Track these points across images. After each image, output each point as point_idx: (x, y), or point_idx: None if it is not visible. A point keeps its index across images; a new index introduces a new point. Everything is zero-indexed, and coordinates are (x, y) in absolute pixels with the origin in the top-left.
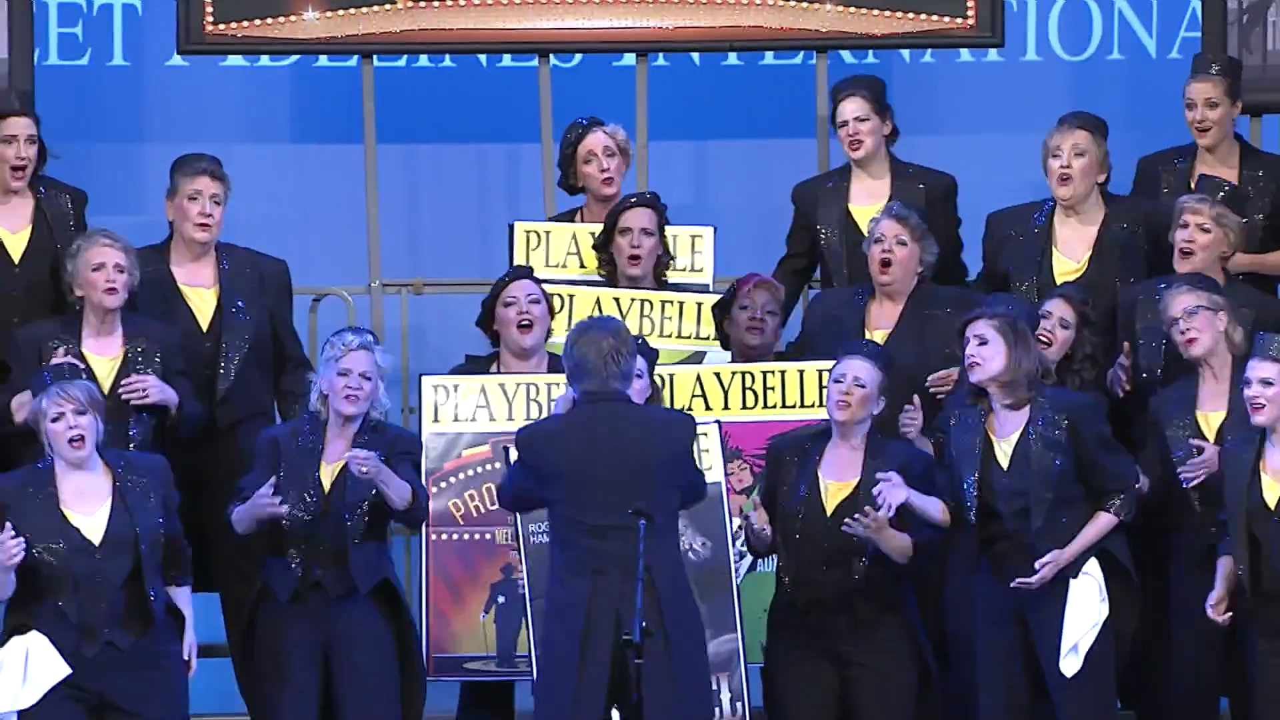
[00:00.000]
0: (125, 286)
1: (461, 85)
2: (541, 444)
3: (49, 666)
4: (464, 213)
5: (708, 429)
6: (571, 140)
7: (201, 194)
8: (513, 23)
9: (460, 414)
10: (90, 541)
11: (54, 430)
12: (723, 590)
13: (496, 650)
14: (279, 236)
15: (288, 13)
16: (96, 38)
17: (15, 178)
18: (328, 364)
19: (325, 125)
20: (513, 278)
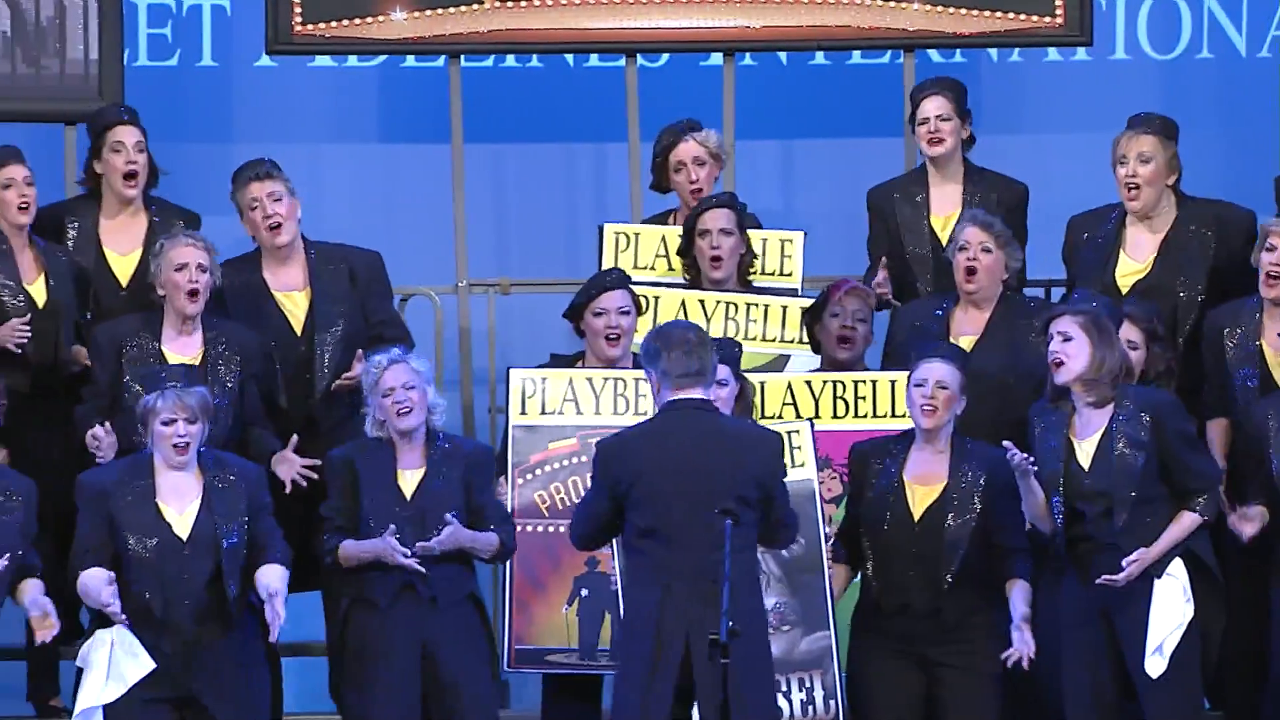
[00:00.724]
0: (207, 287)
1: (548, 85)
2: (621, 453)
3: (134, 662)
4: (551, 213)
5: (800, 427)
6: (663, 146)
7: (260, 200)
8: (600, 22)
9: (547, 407)
10: (180, 538)
11: (162, 433)
12: (815, 588)
13: (579, 643)
14: (366, 237)
15: (375, 13)
16: (185, 39)
17: (128, 185)
18: (371, 393)
19: (412, 125)
20: (607, 287)
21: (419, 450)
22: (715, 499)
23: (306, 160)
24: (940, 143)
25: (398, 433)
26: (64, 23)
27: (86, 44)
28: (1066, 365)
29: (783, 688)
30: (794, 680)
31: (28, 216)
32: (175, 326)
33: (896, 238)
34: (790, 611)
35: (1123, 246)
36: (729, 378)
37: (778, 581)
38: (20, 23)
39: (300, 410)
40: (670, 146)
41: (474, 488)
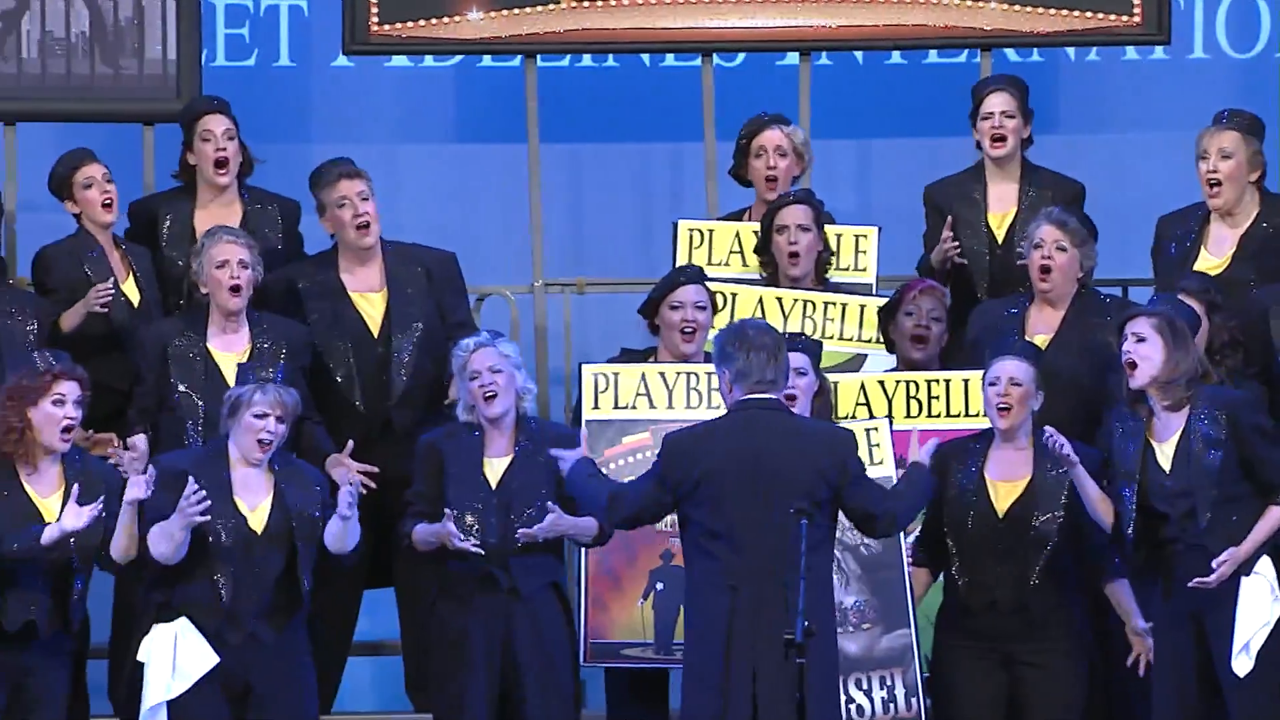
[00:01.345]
0: (249, 283)
1: (625, 84)
2: (689, 449)
3: (198, 655)
4: (627, 212)
5: (879, 424)
6: (749, 131)
7: (349, 198)
8: (676, 22)
9: (620, 401)
10: (255, 531)
11: (252, 425)
12: (895, 585)
13: (654, 637)
14: (442, 236)
15: (452, 13)
16: (263, 39)
17: (219, 174)
18: (459, 376)
19: (488, 125)
20: (683, 281)
21: (508, 437)
22: (785, 499)
23: (383, 160)
24: (1003, 141)
25: (485, 418)
26: (142, 23)
27: (165, 44)
28: (1141, 368)
29: (864, 685)
30: (875, 678)
31: (112, 214)
32: (219, 324)
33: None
34: (870, 609)
35: (1204, 243)
36: (807, 366)
37: (857, 580)
38: (99, 23)
39: (377, 412)
40: (755, 132)
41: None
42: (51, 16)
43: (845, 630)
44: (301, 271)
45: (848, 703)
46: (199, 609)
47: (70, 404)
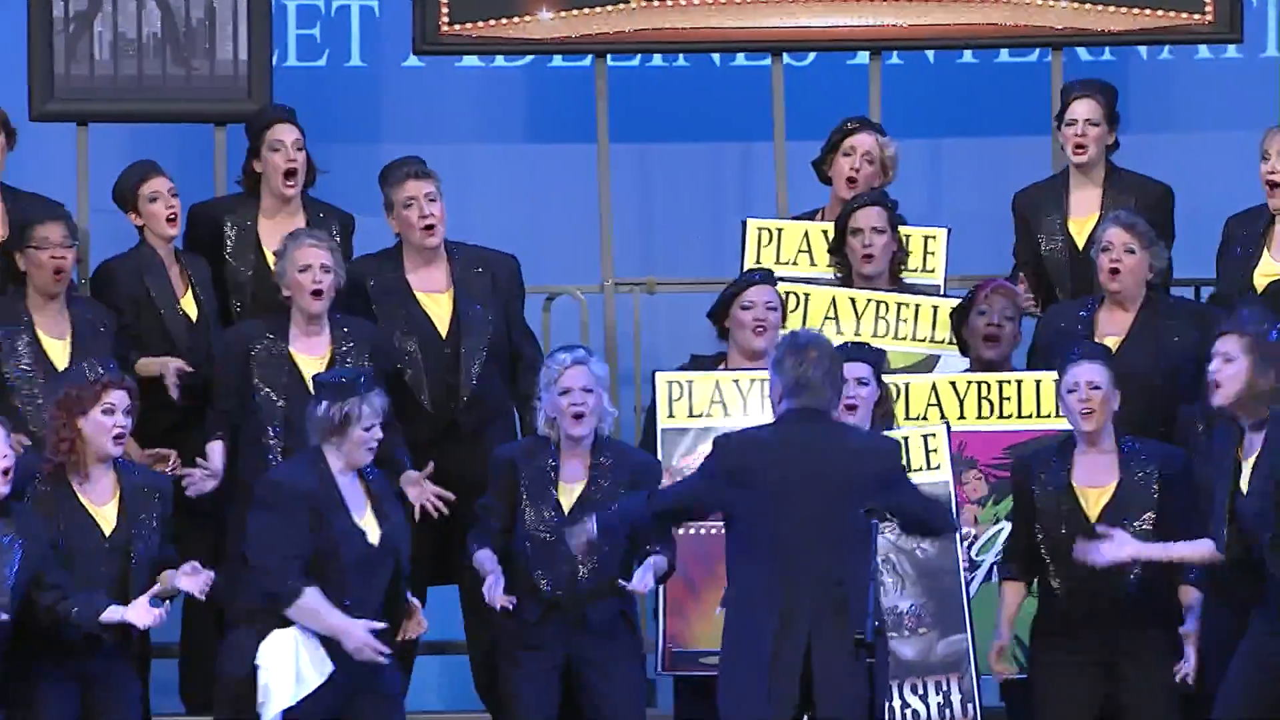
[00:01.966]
0: (331, 287)
1: (695, 84)
2: (740, 450)
3: (317, 663)
4: (697, 212)
5: (937, 430)
6: (845, 130)
7: (416, 199)
8: (746, 21)
9: (695, 410)
10: (371, 544)
11: (363, 438)
12: (950, 591)
13: None
14: (512, 236)
15: (522, 13)
16: (334, 39)
17: (288, 185)
18: (548, 388)
19: (559, 125)
20: (754, 282)
21: (583, 459)
22: (832, 506)
23: (453, 160)
24: (1084, 149)
25: (567, 435)
26: (214, 24)
27: (236, 45)
28: (1223, 388)
29: (919, 690)
30: (930, 683)
31: (176, 228)
32: (301, 327)
33: (1037, 241)
34: (927, 614)
35: (1267, 246)
36: (869, 375)
37: (913, 584)
38: (171, 24)
39: (444, 414)
40: (851, 132)
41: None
42: (123, 18)
43: (901, 635)
44: (368, 269)
45: (903, 708)
46: None
47: (120, 412)
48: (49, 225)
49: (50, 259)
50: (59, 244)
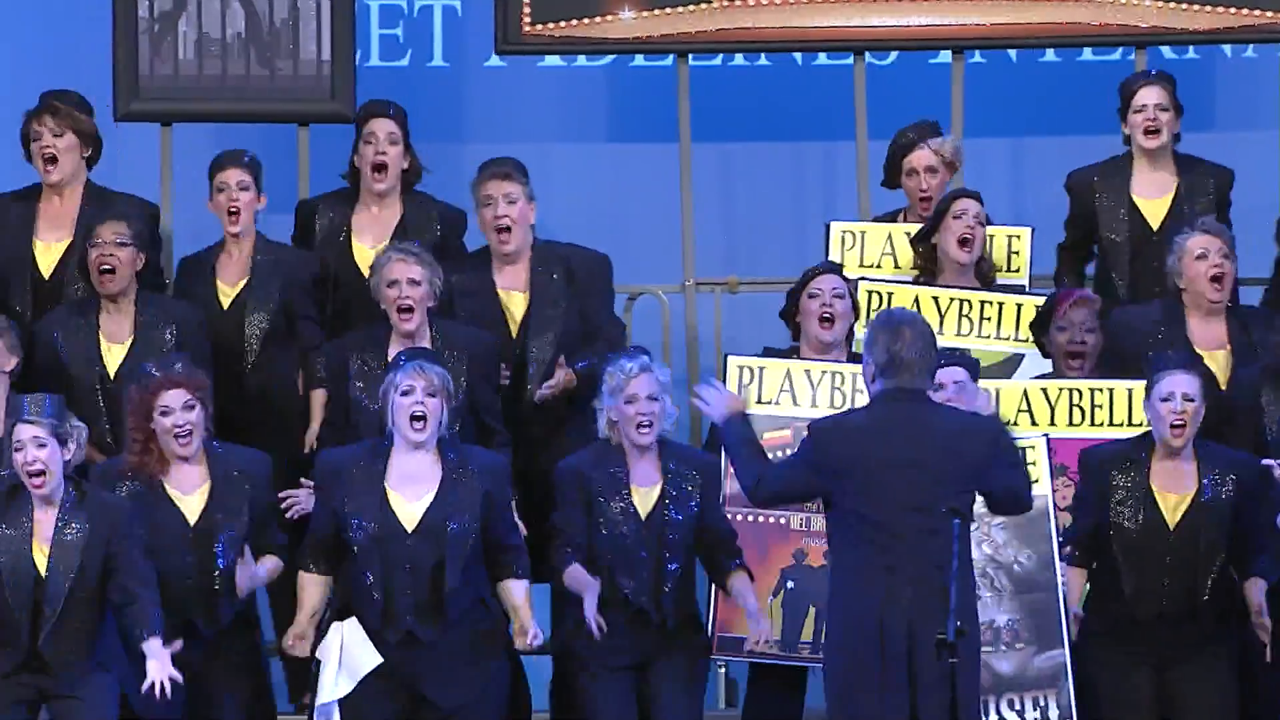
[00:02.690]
0: (423, 300)
1: (777, 83)
2: (838, 437)
3: (362, 654)
4: (779, 211)
5: (1035, 442)
6: (899, 147)
7: (494, 198)
8: (829, 21)
9: (764, 396)
10: (404, 527)
11: (400, 404)
12: (1048, 605)
13: (780, 634)
14: (594, 236)
15: (604, 13)
16: (416, 39)
17: (376, 178)
18: (614, 394)
19: (641, 124)
20: (820, 271)
21: (653, 462)
22: (932, 491)
23: (535, 160)
24: (1157, 134)
25: (633, 444)
26: (297, 24)
27: (319, 45)
28: None
29: (1016, 706)
30: (1028, 699)
31: (237, 224)
32: (398, 340)
33: (1093, 223)
34: (1024, 629)
35: None
36: (966, 380)
37: (1010, 599)
38: (254, 25)
39: (510, 414)
40: (906, 150)
41: (706, 507)
42: (208, 18)
43: (997, 649)
44: (458, 268)
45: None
46: (362, 614)
47: (178, 411)
48: (106, 225)
49: (99, 258)
50: (109, 243)
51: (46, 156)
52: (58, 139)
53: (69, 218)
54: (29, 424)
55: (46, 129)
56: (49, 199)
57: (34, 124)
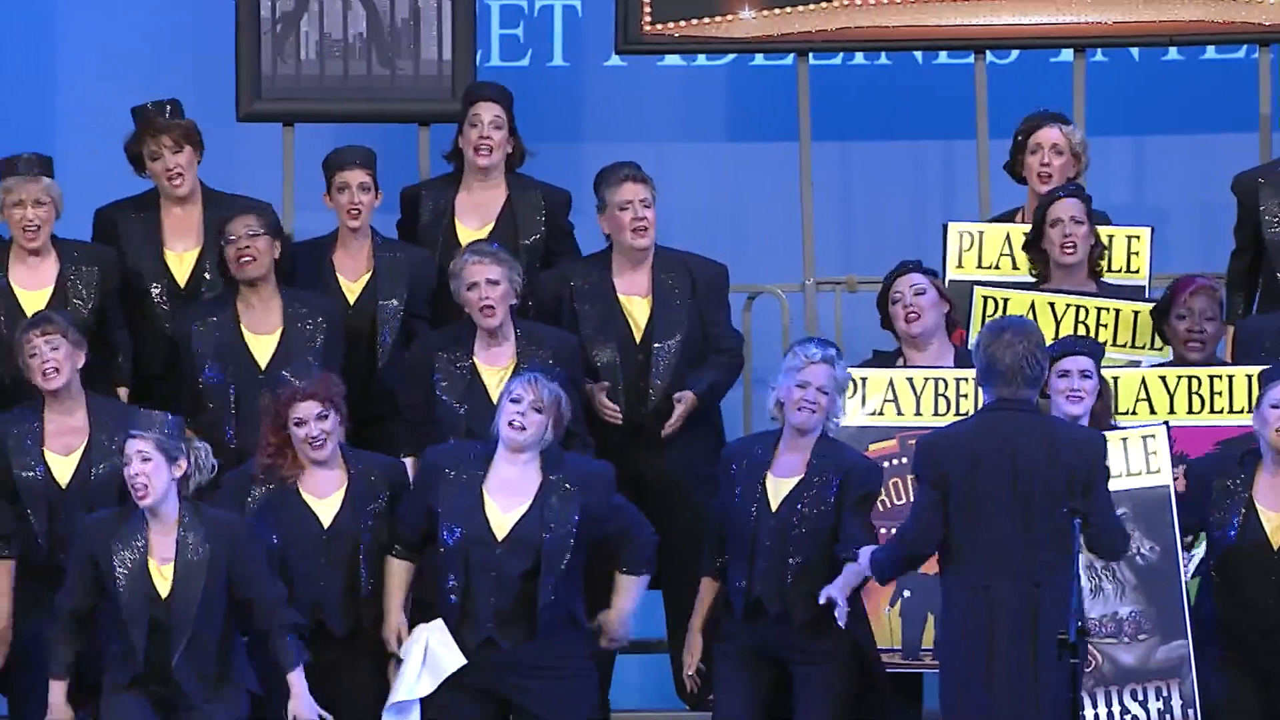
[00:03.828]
0: (504, 298)
1: (897, 82)
2: (941, 449)
3: (446, 656)
4: (898, 210)
5: (1155, 431)
6: (1028, 126)
7: (632, 203)
8: (949, 19)
9: (868, 407)
10: (494, 535)
11: (506, 409)
12: (1171, 595)
13: (901, 643)
14: (713, 235)
15: (725, 12)
16: (537, 39)
17: (479, 157)
18: (788, 374)
19: (760, 123)
20: (896, 274)
21: (802, 455)
22: (1036, 502)
23: (655, 159)
24: None
25: (793, 427)
26: (418, 24)
27: (440, 45)
28: None
29: (1139, 696)
30: (1150, 689)
31: (357, 222)
32: (484, 339)
33: (1257, 224)
34: (1146, 620)
35: None
36: (1091, 369)
37: (1133, 590)
38: (376, 25)
39: (634, 417)
40: (1034, 128)
41: (845, 509)
42: (329, 18)
43: (1120, 641)
44: (575, 270)
45: (1123, 714)
46: (446, 616)
47: (311, 422)
48: (236, 220)
49: (236, 251)
50: (243, 235)
51: (172, 176)
52: (178, 155)
53: (194, 226)
54: (136, 438)
55: (165, 148)
56: (169, 209)
57: (149, 144)
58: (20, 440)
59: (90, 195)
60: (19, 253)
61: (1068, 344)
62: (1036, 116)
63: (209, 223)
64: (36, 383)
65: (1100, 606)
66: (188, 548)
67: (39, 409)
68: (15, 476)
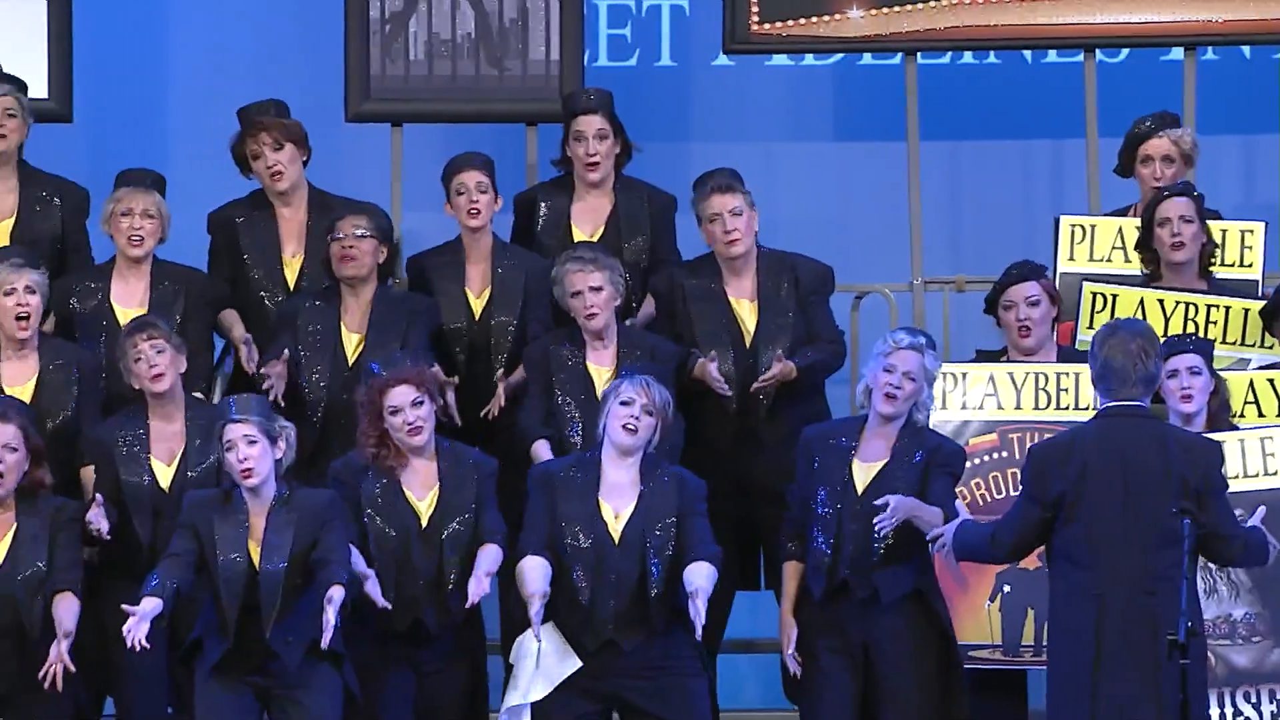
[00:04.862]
0: (606, 304)
1: (1005, 81)
2: (1054, 460)
3: (561, 660)
4: (1007, 209)
5: (1274, 432)
6: (1136, 135)
7: (720, 215)
8: (1058, 18)
9: (968, 402)
10: (612, 537)
11: (617, 412)
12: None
13: (1002, 639)
14: (821, 235)
15: (832, 11)
16: (644, 38)
17: (589, 172)
18: (876, 359)
19: (868, 123)
20: (1014, 279)
21: (887, 440)
22: (1150, 507)
23: (762, 159)
24: None
25: (878, 413)
26: (526, 24)
27: (548, 45)
28: None
29: (1252, 699)
30: (1264, 691)
31: (478, 220)
32: (590, 340)
33: None
34: (1260, 622)
35: None
36: (1201, 365)
37: (1248, 592)
38: (484, 25)
39: (742, 422)
40: (1143, 138)
41: (931, 470)
42: (438, 19)
43: (1234, 643)
44: (686, 272)
45: (1235, 715)
46: (565, 619)
47: (407, 408)
48: (345, 219)
49: (341, 250)
50: (350, 235)
51: (274, 173)
52: (279, 153)
53: (299, 229)
54: (238, 423)
55: (265, 146)
56: (279, 212)
57: (250, 144)
58: (129, 447)
59: (202, 203)
60: (119, 270)
61: (1174, 343)
62: (1145, 122)
63: (314, 226)
64: (140, 386)
65: (1214, 608)
66: (279, 525)
67: (142, 415)
68: (122, 483)
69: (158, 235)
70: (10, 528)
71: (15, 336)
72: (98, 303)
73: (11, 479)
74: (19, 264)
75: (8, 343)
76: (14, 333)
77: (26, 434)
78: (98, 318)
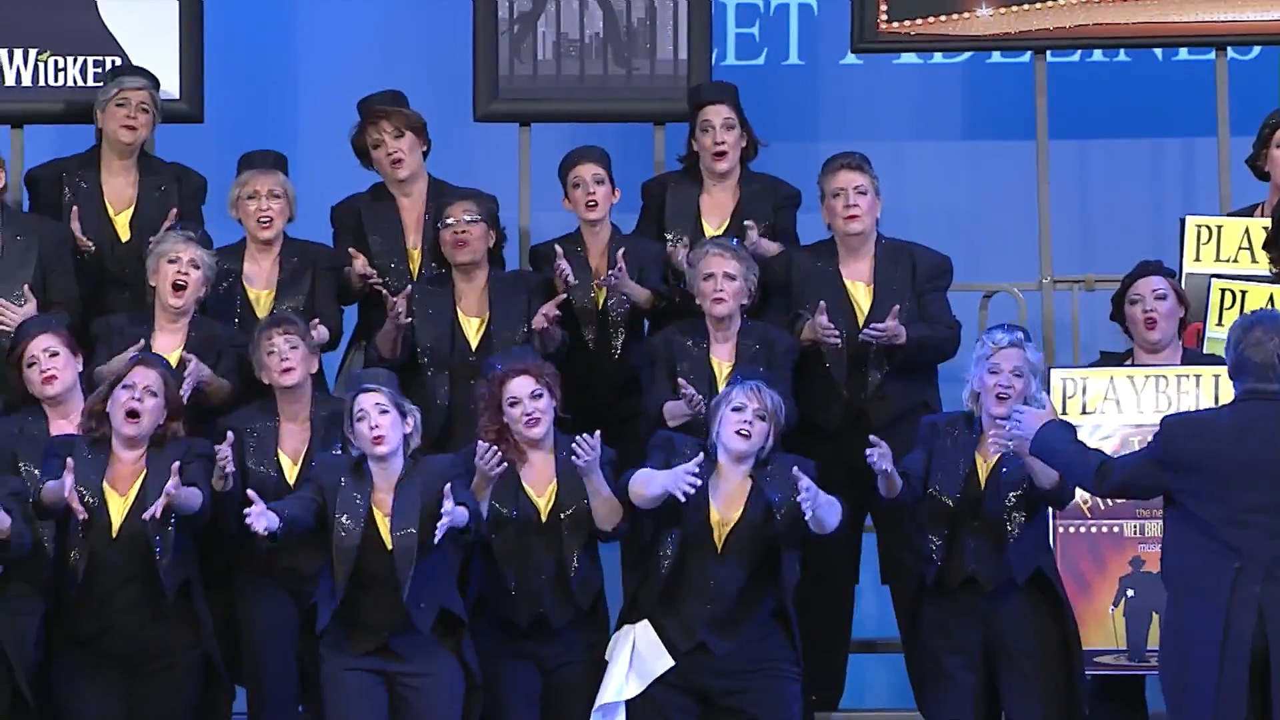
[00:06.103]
0: (735, 295)
1: (1136, 79)
2: (1188, 434)
3: (653, 658)
4: (1137, 208)
5: None
6: (1272, 126)
7: (844, 190)
8: (1189, 15)
9: (1088, 407)
10: (715, 544)
11: (730, 418)
12: None
13: (1127, 644)
14: (949, 233)
15: (961, 10)
16: (772, 37)
17: (716, 162)
18: (979, 363)
19: (997, 121)
20: (1139, 275)
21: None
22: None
23: (891, 157)
24: None
25: (989, 413)
26: (654, 24)
27: (676, 44)
28: None
29: None
30: None
31: (595, 214)
32: (712, 331)
33: None
34: None
35: None
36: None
37: None
38: (612, 25)
39: (854, 403)
40: (1278, 127)
41: None
42: (566, 18)
43: None
44: (802, 254)
45: None
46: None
47: (526, 400)
48: (455, 204)
49: (452, 236)
50: (460, 220)
51: (394, 161)
52: (399, 140)
53: (419, 220)
54: (370, 392)
55: (386, 134)
56: (400, 202)
57: (370, 133)
58: (262, 440)
59: (330, 197)
60: (250, 251)
61: None
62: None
63: (433, 217)
64: (270, 380)
65: None
66: (412, 488)
67: (272, 409)
68: (249, 471)
69: (286, 214)
70: (141, 473)
71: (169, 303)
72: (229, 284)
73: (148, 421)
74: (189, 238)
75: (161, 312)
76: (167, 298)
77: (167, 384)
78: (230, 299)
